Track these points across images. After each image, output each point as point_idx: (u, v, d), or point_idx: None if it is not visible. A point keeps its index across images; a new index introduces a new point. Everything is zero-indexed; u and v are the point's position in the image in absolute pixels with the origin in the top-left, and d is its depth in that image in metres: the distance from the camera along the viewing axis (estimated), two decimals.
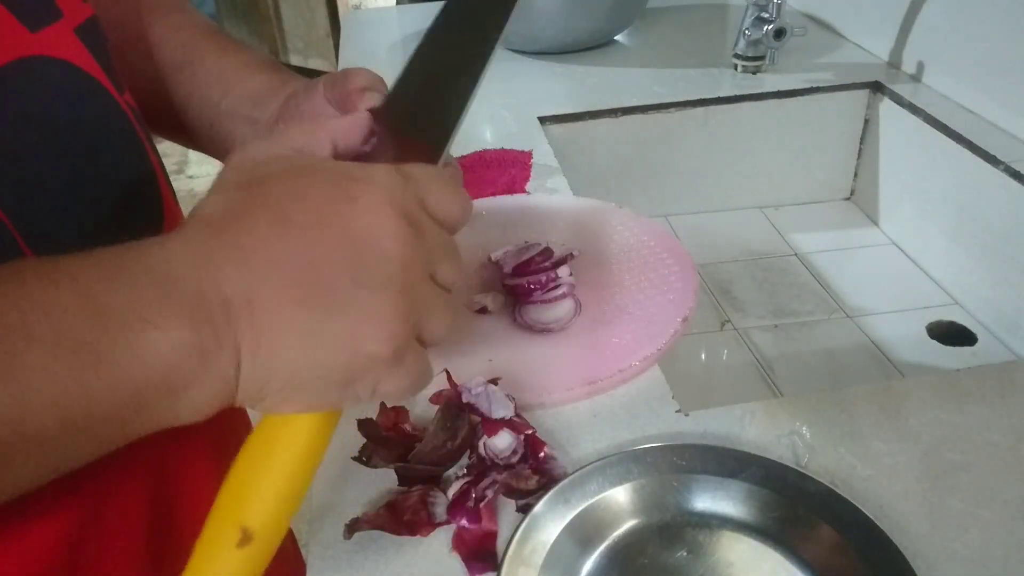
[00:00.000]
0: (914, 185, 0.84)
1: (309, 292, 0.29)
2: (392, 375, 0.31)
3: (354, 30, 1.21)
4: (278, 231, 0.29)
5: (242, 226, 0.30)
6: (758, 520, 0.42)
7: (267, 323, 0.28)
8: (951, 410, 0.47)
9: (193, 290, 0.28)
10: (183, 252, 0.29)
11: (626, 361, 0.51)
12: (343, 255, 0.29)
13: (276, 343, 0.28)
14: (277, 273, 0.29)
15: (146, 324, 0.27)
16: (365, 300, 0.29)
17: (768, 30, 0.88)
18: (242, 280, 0.28)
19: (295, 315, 0.29)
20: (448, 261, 0.33)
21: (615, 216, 0.67)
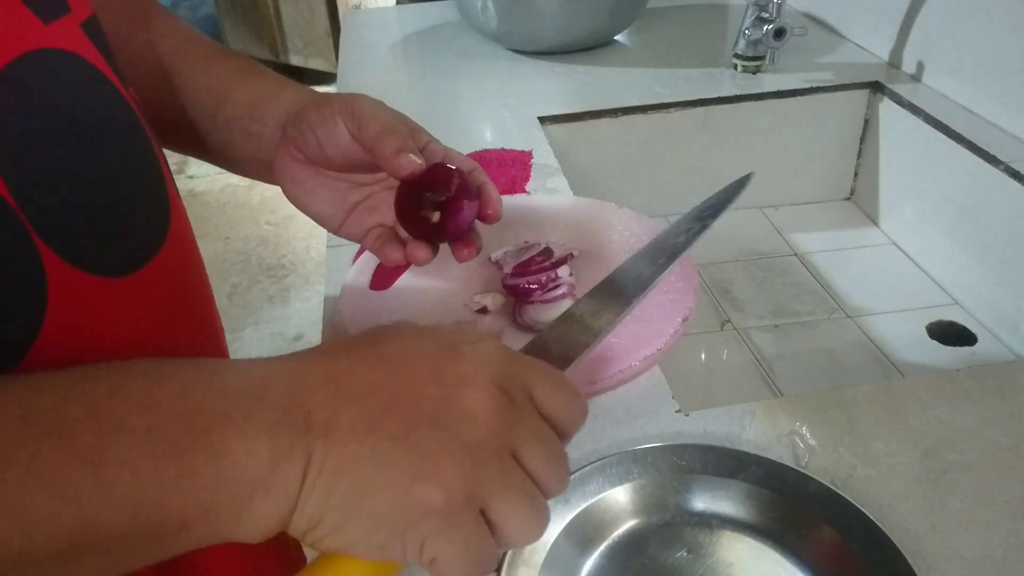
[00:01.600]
0: (914, 185, 0.84)
1: (387, 420, 0.28)
2: (443, 535, 0.28)
3: (354, 30, 1.21)
4: (376, 365, 0.30)
5: (344, 359, 0.30)
6: (758, 520, 0.42)
7: (341, 442, 0.28)
8: (951, 410, 0.47)
9: (281, 404, 0.28)
10: (284, 371, 0.29)
11: (626, 361, 0.51)
12: (431, 396, 0.29)
13: (343, 463, 0.28)
14: (364, 399, 0.29)
15: (229, 428, 0.27)
16: (436, 445, 0.28)
17: (768, 30, 0.88)
18: (330, 400, 0.28)
19: (367, 439, 0.28)
20: (540, 451, 0.30)
21: (615, 216, 0.67)
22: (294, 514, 0.28)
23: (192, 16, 3.57)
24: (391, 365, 0.30)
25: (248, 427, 0.27)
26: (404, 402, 0.29)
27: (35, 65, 0.36)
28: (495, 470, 0.29)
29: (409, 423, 0.28)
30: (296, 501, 0.28)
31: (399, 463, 0.28)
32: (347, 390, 0.29)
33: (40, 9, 0.37)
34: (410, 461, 0.28)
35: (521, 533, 0.30)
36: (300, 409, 0.28)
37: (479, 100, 0.95)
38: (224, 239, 2.49)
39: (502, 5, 0.98)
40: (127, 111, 0.42)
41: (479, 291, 0.58)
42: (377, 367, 0.30)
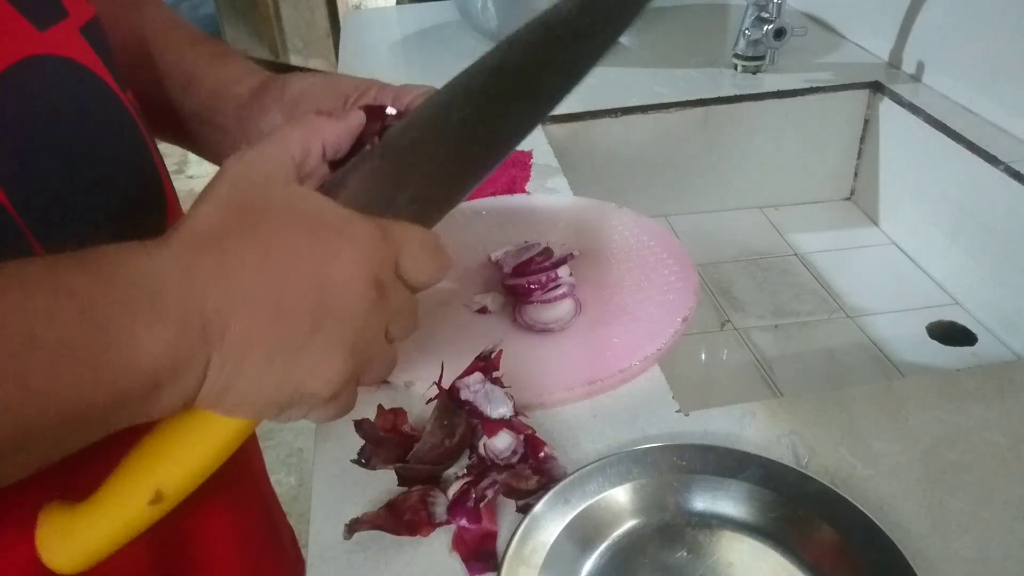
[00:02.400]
0: (914, 185, 0.84)
1: (275, 328, 0.32)
2: (323, 409, 0.35)
3: (354, 30, 1.21)
4: (260, 267, 0.32)
5: (229, 253, 0.32)
6: (758, 520, 0.42)
7: (236, 347, 0.31)
8: (951, 410, 0.47)
9: (178, 305, 0.30)
10: (171, 265, 0.31)
11: (626, 361, 0.51)
12: (311, 302, 0.33)
13: (240, 365, 0.32)
14: (252, 306, 0.32)
15: (137, 335, 0.29)
16: (319, 347, 0.33)
17: (768, 30, 0.88)
18: (222, 304, 0.31)
19: (259, 344, 0.32)
20: (403, 321, 0.36)
21: (615, 216, 0.67)
22: (195, 399, 0.32)
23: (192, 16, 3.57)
24: (275, 264, 0.32)
25: (152, 335, 0.30)
26: (289, 309, 0.32)
27: (31, 72, 0.36)
28: (369, 352, 0.35)
29: (294, 329, 0.32)
30: (196, 393, 0.32)
31: (289, 364, 0.32)
32: (236, 292, 0.31)
33: (35, 16, 0.37)
34: (298, 363, 0.32)
35: (379, 380, 0.38)
36: (197, 311, 0.31)
37: None
38: None
39: (502, 5, 0.98)
40: (124, 115, 0.42)
41: (479, 291, 0.58)
42: (263, 265, 0.32)
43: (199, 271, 0.31)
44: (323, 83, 0.48)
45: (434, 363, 0.50)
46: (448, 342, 0.54)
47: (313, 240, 0.33)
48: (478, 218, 0.67)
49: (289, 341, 0.32)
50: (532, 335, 0.54)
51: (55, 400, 0.28)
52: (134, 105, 0.44)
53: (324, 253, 0.33)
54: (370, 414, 0.46)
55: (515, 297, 0.57)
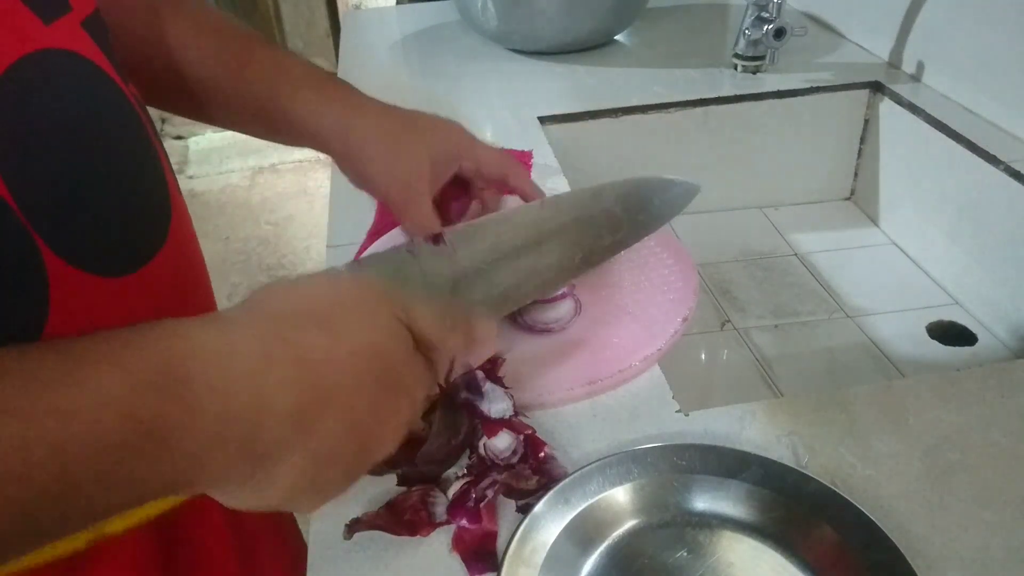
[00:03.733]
0: (914, 185, 0.84)
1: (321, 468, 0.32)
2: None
3: (354, 30, 1.21)
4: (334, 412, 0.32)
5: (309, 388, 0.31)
6: (758, 520, 0.42)
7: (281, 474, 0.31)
8: (951, 410, 0.47)
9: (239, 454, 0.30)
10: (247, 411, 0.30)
11: (626, 361, 0.51)
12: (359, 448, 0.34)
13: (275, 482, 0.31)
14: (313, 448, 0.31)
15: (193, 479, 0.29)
16: (335, 490, 0.34)
17: (768, 30, 0.88)
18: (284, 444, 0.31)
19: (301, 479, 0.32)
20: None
21: None
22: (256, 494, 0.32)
23: None
24: (342, 409, 0.32)
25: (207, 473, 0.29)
26: (337, 452, 0.33)
27: (37, 66, 0.36)
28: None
29: (331, 468, 0.33)
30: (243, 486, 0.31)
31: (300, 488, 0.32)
32: (303, 437, 0.31)
33: (41, 10, 0.37)
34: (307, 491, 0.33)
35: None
36: (254, 453, 0.30)
37: (479, 100, 0.95)
38: (224, 239, 2.49)
39: (502, 5, 0.98)
40: (128, 109, 0.42)
41: None
42: (334, 405, 0.32)
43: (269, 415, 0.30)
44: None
45: None
46: None
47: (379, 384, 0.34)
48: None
49: (316, 487, 0.33)
50: (532, 335, 0.54)
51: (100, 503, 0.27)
52: (136, 98, 0.44)
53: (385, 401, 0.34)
54: None
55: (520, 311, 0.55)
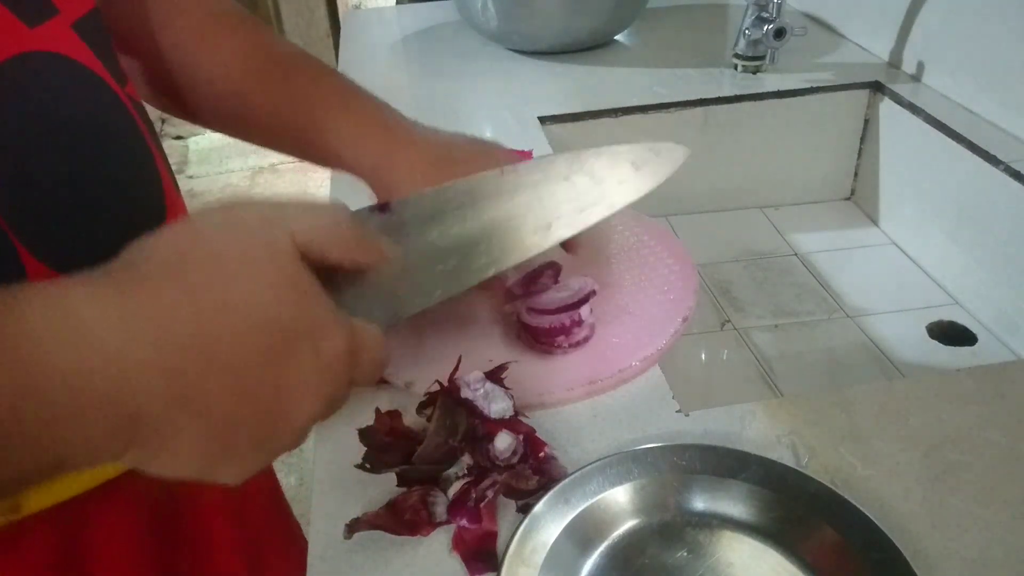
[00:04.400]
0: (914, 185, 0.84)
1: (216, 434, 0.30)
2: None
3: (354, 30, 1.21)
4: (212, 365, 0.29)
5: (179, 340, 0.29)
6: (758, 520, 0.42)
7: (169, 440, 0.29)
8: (951, 410, 0.47)
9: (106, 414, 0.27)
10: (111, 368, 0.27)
11: (626, 361, 0.51)
12: (262, 423, 0.31)
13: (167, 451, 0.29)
14: (198, 411, 0.29)
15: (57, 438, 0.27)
16: (247, 446, 0.31)
17: (768, 30, 0.88)
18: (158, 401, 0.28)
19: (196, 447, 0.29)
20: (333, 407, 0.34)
21: (615, 216, 0.67)
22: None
23: None
24: (225, 365, 0.29)
25: (76, 439, 0.27)
26: (234, 416, 0.30)
27: (20, 69, 0.36)
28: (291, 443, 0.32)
29: (236, 446, 0.30)
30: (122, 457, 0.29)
31: (211, 456, 0.30)
32: (181, 393, 0.28)
33: (24, 13, 0.36)
34: (219, 457, 0.30)
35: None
36: (126, 414, 0.28)
37: (479, 100, 0.95)
38: None
39: (502, 5, 0.98)
40: (120, 111, 0.42)
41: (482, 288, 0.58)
42: (214, 368, 0.29)
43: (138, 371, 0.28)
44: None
45: (434, 364, 0.50)
46: (448, 342, 0.54)
47: (271, 334, 0.30)
48: None
49: (227, 453, 0.30)
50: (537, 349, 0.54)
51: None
52: (132, 100, 0.43)
53: (280, 359, 0.30)
54: (369, 417, 0.46)
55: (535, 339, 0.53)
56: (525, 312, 0.53)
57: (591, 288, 0.53)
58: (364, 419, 0.46)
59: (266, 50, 0.52)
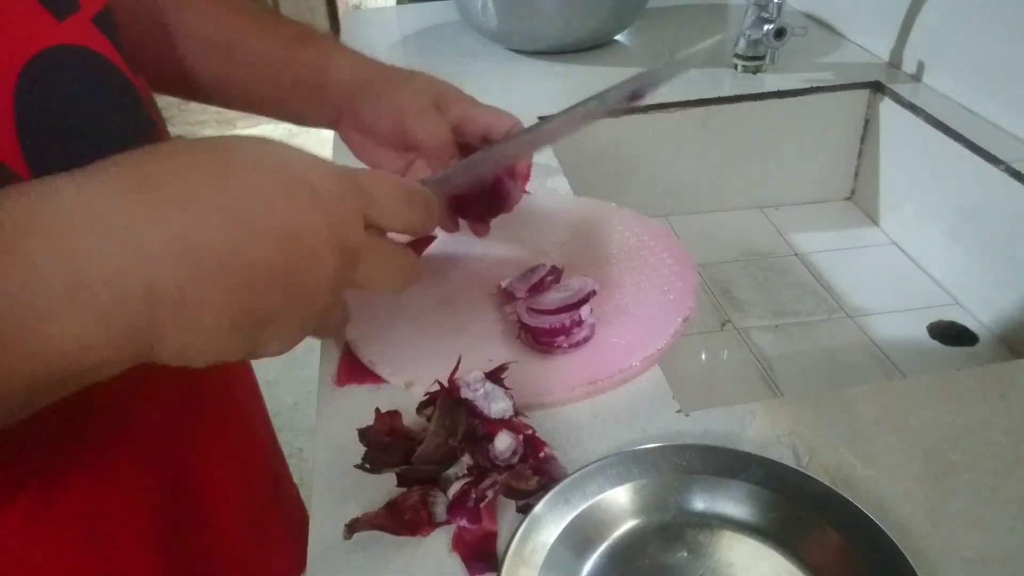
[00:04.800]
0: (914, 185, 0.84)
1: (241, 296, 0.29)
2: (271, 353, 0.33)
3: (354, 30, 1.21)
4: (228, 225, 0.29)
5: (194, 211, 0.28)
6: (758, 520, 0.42)
7: (194, 315, 0.28)
8: (951, 410, 0.47)
9: (112, 285, 0.26)
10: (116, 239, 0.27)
11: (626, 361, 0.51)
12: (282, 268, 0.30)
13: (196, 332, 0.29)
14: (219, 274, 0.29)
15: (54, 326, 0.26)
16: (285, 319, 0.31)
17: (768, 30, 0.88)
18: (181, 274, 0.28)
19: (223, 313, 0.29)
20: (380, 275, 0.35)
21: (615, 216, 0.67)
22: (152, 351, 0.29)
23: None
24: (243, 225, 0.29)
25: (73, 323, 0.26)
26: (257, 275, 0.30)
27: (50, 62, 0.37)
28: (326, 319, 0.34)
29: (261, 297, 0.30)
30: (149, 354, 0.29)
31: (249, 331, 0.30)
32: (201, 262, 0.28)
33: (54, 8, 0.38)
34: (259, 330, 0.31)
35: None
36: (140, 275, 0.27)
37: (479, 100, 0.95)
38: None
39: (502, 5, 0.98)
40: (136, 101, 0.43)
41: (482, 288, 0.58)
42: (229, 227, 0.29)
43: (151, 242, 0.27)
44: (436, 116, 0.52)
45: (434, 364, 0.50)
46: (448, 342, 0.54)
47: (287, 192, 0.31)
48: None
49: (252, 305, 0.30)
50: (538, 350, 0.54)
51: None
52: (144, 90, 0.45)
53: (296, 213, 0.31)
54: (369, 417, 0.46)
55: (534, 339, 0.53)
56: (525, 312, 0.53)
57: (591, 288, 0.53)
58: (364, 419, 0.46)
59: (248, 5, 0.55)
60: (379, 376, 0.52)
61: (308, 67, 0.53)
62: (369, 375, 0.52)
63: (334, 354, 0.54)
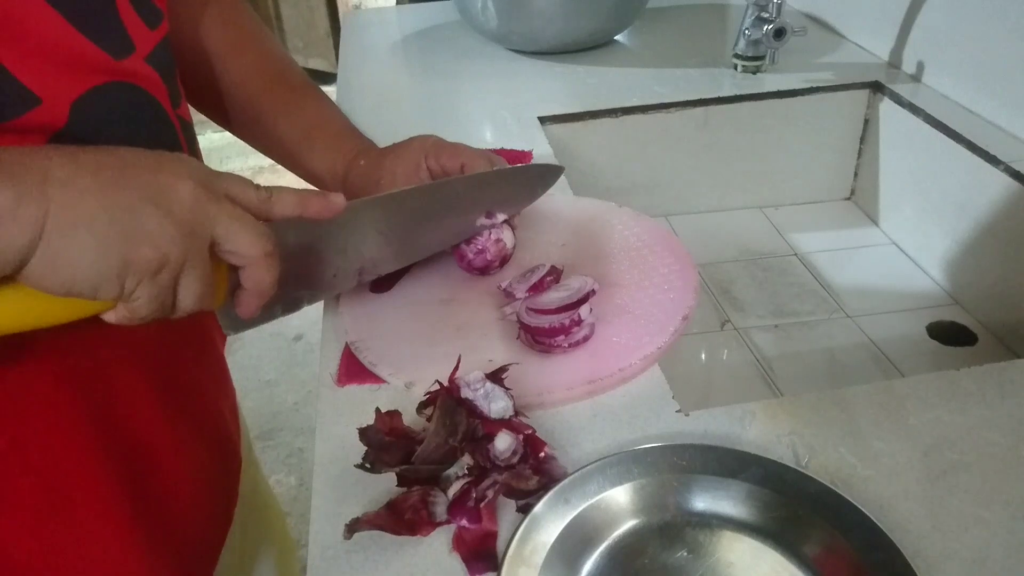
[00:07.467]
0: (914, 185, 0.84)
1: (117, 191, 0.35)
2: (147, 286, 0.37)
3: (354, 30, 1.21)
4: (108, 153, 0.37)
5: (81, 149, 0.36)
6: (758, 520, 0.42)
7: (79, 197, 0.34)
8: (951, 410, 0.47)
9: (21, 161, 0.34)
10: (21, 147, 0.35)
11: (626, 360, 0.51)
12: (151, 182, 0.37)
13: (83, 210, 0.34)
14: (97, 171, 0.35)
15: None
16: (155, 220, 0.36)
17: (768, 30, 0.88)
18: (66, 164, 0.35)
19: (102, 201, 0.35)
20: (234, 228, 0.39)
21: (615, 216, 0.67)
22: (37, 245, 0.34)
23: None
24: (121, 157, 0.37)
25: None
26: (130, 180, 0.36)
27: (102, 96, 0.42)
28: (195, 250, 0.38)
29: (134, 198, 0.36)
30: (40, 234, 0.33)
31: (127, 225, 0.35)
32: (82, 162, 0.35)
33: (112, 48, 0.43)
34: (134, 226, 0.36)
35: (192, 305, 0.39)
36: (39, 167, 0.34)
37: (479, 100, 0.95)
38: None
39: (502, 5, 0.98)
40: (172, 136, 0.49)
41: (482, 288, 0.58)
42: (109, 155, 0.37)
43: (47, 148, 0.35)
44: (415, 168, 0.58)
45: (434, 364, 0.50)
46: (448, 342, 0.54)
47: (153, 160, 0.38)
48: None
49: (127, 202, 0.35)
50: (538, 350, 0.54)
51: None
52: (182, 120, 0.51)
53: (162, 158, 0.38)
54: (369, 417, 0.46)
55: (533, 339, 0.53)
56: (525, 312, 0.53)
57: (591, 288, 0.53)
58: (364, 419, 0.46)
59: (279, 71, 0.63)
60: (379, 376, 0.52)
61: (317, 160, 0.61)
62: (369, 375, 0.52)
63: (334, 354, 0.54)
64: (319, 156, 0.61)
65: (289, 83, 0.63)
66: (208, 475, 0.56)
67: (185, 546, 0.54)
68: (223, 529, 0.60)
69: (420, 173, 0.57)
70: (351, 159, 0.60)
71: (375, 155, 0.59)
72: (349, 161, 0.60)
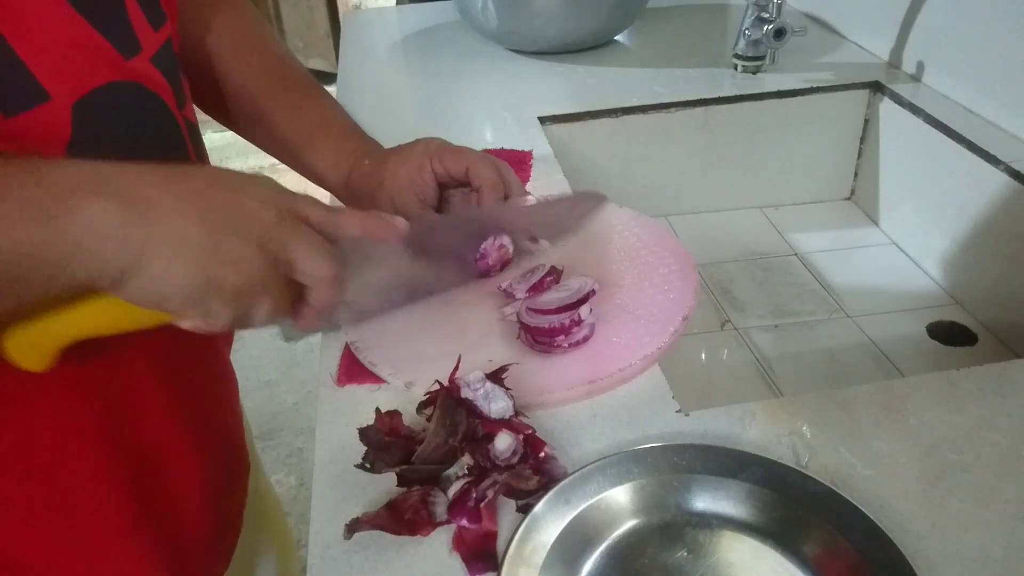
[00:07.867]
0: (914, 185, 0.84)
1: (201, 224, 0.38)
2: (229, 306, 0.39)
3: (354, 30, 1.21)
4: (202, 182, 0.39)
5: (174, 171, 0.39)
6: (758, 520, 0.42)
7: (178, 223, 0.37)
8: (951, 410, 0.47)
9: (127, 185, 0.36)
10: (125, 167, 0.37)
11: (626, 360, 0.51)
12: (227, 210, 0.39)
13: (181, 238, 0.37)
14: (193, 200, 0.38)
15: (84, 195, 0.35)
16: (238, 246, 0.38)
17: (768, 30, 0.88)
18: (166, 194, 0.37)
19: (198, 228, 0.37)
20: (308, 253, 0.41)
21: (615, 216, 0.67)
22: (139, 265, 0.36)
23: None
24: (206, 179, 0.39)
25: (100, 196, 0.35)
26: (218, 203, 0.39)
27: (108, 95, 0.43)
28: (274, 269, 0.40)
29: (224, 224, 0.38)
30: (141, 255, 0.36)
31: (217, 251, 0.38)
32: (180, 189, 0.38)
33: (123, 48, 0.43)
34: (224, 252, 0.38)
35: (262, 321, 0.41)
36: (142, 193, 0.36)
37: (479, 100, 0.95)
38: None
39: (502, 5, 0.98)
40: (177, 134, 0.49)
41: (482, 288, 0.58)
42: (196, 179, 0.39)
43: (148, 172, 0.37)
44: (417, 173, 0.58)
45: (434, 364, 0.50)
46: (448, 342, 0.54)
47: (237, 181, 0.40)
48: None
49: (211, 235, 0.37)
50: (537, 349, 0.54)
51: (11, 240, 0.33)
52: (187, 121, 0.51)
53: (244, 188, 0.40)
54: (369, 417, 0.46)
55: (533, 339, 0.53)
56: (525, 312, 0.53)
57: (591, 288, 0.53)
58: (364, 419, 0.46)
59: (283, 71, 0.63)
60: (379, 376, 0.52)
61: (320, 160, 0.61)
62: (369, 375, 0.52)
63: (334, 354, 0.54)
64: (322, 156, 0.61)
65: (294, 83, 0.63)
66: (216, 483, 0.56)
67: (190, 552, 0.54)
68: (232, 538, 0.60)
69: (424, 176, 0.57)
70: (355, 160, 0.59)
71: (379, 156, 0.59)
72: (353, 162, 0.60)
